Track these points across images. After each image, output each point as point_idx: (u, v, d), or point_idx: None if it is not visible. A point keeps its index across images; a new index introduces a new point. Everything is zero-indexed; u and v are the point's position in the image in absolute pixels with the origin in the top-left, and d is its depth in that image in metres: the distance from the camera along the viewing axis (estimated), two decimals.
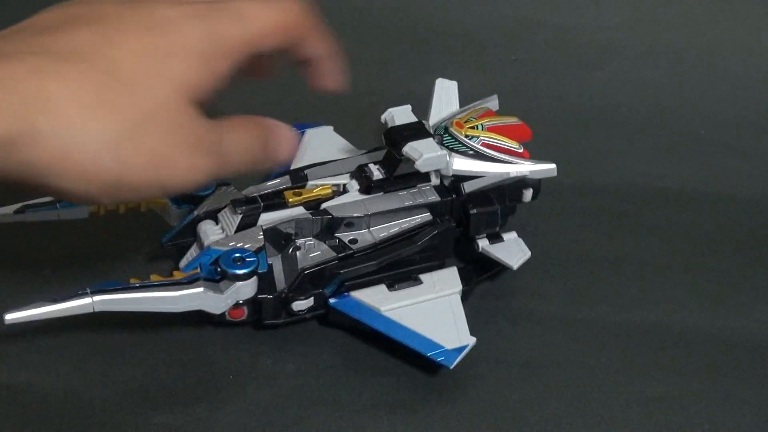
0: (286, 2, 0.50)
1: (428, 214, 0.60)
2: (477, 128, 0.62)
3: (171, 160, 0.45)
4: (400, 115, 0.61)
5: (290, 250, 0.58)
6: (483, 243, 0.62)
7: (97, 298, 0.51)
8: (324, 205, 0.59)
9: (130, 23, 0.46)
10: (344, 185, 0.61)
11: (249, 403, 0.55)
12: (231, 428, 0.54)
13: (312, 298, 0.57)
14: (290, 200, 0.59)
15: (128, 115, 0.44)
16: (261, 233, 0.57)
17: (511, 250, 0.62)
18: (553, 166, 0.61)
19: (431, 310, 0.58)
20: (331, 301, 0.58)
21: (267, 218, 0.58)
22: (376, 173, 0.60)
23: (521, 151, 0.62)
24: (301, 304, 0.57)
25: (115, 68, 0.44)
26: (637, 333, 0.60)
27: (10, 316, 0.49)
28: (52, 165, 0.42)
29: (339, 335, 0.59)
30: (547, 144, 0.67)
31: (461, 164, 0.60)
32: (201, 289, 0.54)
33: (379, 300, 0.58)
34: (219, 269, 0.54)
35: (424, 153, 0.58)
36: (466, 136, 0.61)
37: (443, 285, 0.59)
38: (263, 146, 0.50)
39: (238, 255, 0.55)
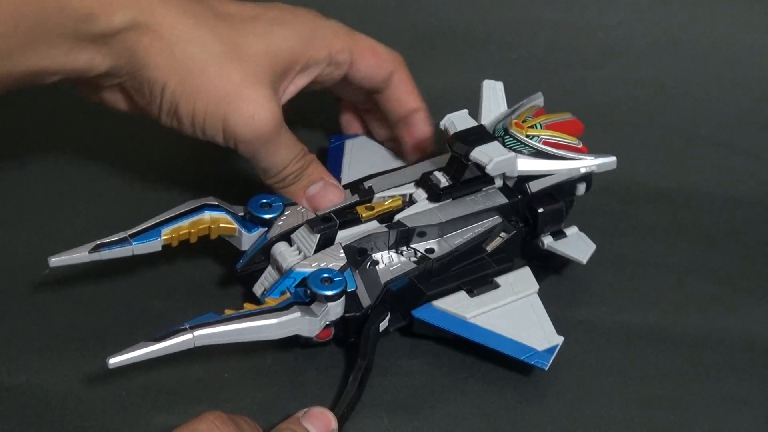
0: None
1: (497, 216, 0.60)
2: (536, 127, 0.61)
3: (239, 100, 0.54)
4: (460, 120, 0.60)
5: (368, 265, 0.57)
6: (548, 240, 0.62)
7: (197, 333, 0.50)
8: (397, 217, 0.58)
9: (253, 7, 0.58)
10: (411, 195, 0.60)
11: (249, 403, 0.55)
12: None
13: (396, 312, 0.57)
14: (364, 215, 0.58)
15: (226, 43, 0.55)
16: (341, 251, 0.56)
17: (576, 245, 0.62)
18: (613, 158, 0.61)
19: (514, 313, 0.57)
20: (415, 312, 0.57)
21: (343, 235, 0.57)
22: (443, 180, 0.60)
23: (580, 146, 0.62)
24: (386, 319, 0.56)
25: (228, 15, 0.56)
26: (636, 333, 0.60)
27: (114, 360, 0.48)
28: (156, 56, 0.53)
29: None
30: None
31: (527, 164, 0.59)
32: (298, 314, 0.53)
33: (462, 307, 0.57)
34: (309, 291, 0.54)
35: (493, 157, 0.57)
36: (528, 136, 0.60)
37: (521, 286, 0.59)
38: None
39: (326, 275, 0.54)
